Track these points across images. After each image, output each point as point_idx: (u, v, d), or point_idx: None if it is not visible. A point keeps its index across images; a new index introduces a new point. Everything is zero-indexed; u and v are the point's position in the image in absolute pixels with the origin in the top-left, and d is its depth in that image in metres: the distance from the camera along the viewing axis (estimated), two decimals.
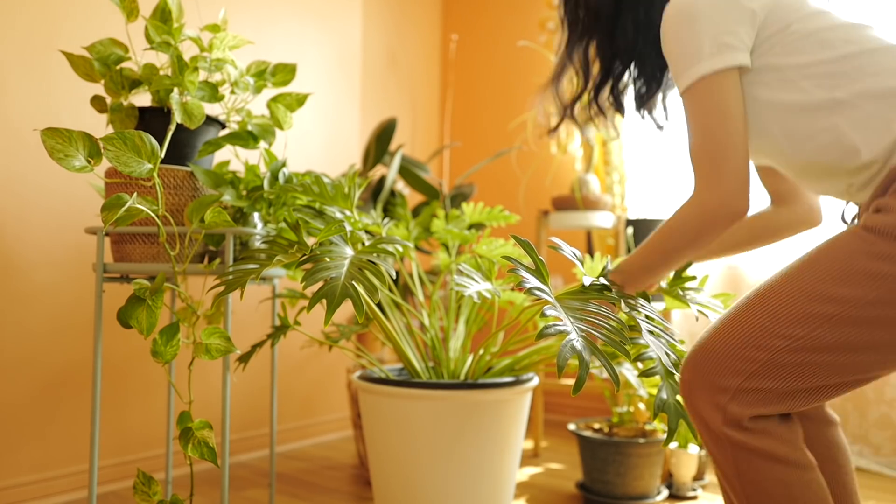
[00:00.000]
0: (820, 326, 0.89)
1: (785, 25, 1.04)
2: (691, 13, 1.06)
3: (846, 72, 1.00)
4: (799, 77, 1.02)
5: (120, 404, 2.10)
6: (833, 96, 0.99)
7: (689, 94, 1.06)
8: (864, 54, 1.00)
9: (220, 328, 1.29)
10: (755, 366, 0.91)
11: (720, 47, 1.03)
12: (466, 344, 1.80)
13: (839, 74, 1.00)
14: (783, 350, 0.90)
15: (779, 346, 0.91)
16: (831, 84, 1.00)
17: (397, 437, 1.59)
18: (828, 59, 1.01)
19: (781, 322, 0.91)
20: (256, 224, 1.56)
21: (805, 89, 1.02)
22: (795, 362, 0.90)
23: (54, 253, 1.96)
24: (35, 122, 1.92)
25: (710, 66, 1.04)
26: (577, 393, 0.89)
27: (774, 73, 1.04)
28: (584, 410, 3.04)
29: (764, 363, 0.91)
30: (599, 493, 1.96)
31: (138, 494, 1.28)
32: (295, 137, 2.61)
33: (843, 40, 1.01)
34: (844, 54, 1.00)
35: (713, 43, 1.04)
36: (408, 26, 3.45)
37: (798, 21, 1.04)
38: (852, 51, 1.00)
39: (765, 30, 1.05)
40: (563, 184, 3.11)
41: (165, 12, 1.43)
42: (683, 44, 1.06)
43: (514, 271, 1.07)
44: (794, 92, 1.03)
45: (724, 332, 0.95)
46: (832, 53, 1.01)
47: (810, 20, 1.04)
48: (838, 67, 1.00)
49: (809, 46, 1.02)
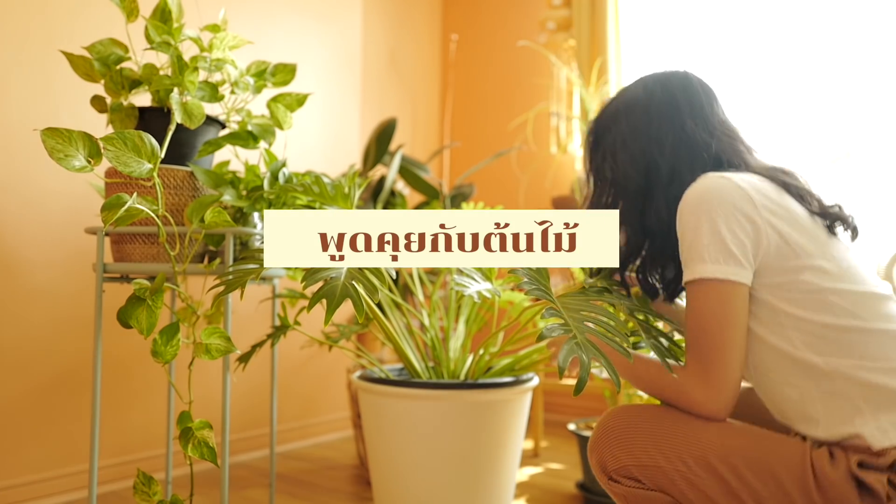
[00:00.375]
0: (720, 485, 0.98)
1: (797, 268, 0.99)
2: (707, 209, 1.00)
3: (839, 343, 0.96)
4: (792, 327, 0.98)
5: (120, 404, 2.10)
6: (815, 361, 0.96)
7: (692, 288, 1.02)
8: (865, 333, 0.96)
9: (220, 328, 1.29)
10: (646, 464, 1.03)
11: (727, 256, 0.99)
12: (466, 344, 1.79)
13: (831, 342, 0.96)
14: (679, 473, 1.00)
15: (678, 469, 1.00)
16: (819, 348, 0.97)
17: (397, 436, 1.58)
18: (825, 324, 0.97)
19: (693, 455, 0.99)
20: (256, 224, 1.56)
21: (792, 341, 0.98)
22: (679, 486, 1.00)
23: (54, 253, 1.96)
24: (35, 122, 1.92)
25: (715, 271, 0.99)
26: (578, 394, 0.90)
27: (769, 312, 1.00)
28: (584, 410, 3.04)
29: (653, 468, 1.02)
30: (599, 493, 1.96)
31: (138, 494, 1.28)
32: (295, 137, 2.61)
33: (849, 312, 0.97)
34: (844, 326, 0.96)
35: (722, 249, 0.99)
36: (408, 26, 3.45)
37: (812, 271, 0.98)
38: (853, 325, 0.96)
39: (774, 261, 1.00)
40: (563, 184, 3.11)
41: (165, 12, 1.43)
42: (694, 235, 1.01)
43: (514, 271, 1.07)
44: (781, 338, 0.99)
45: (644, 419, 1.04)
46: (832, 320, 0.96)
47: (824, 276, 0.98)
48: (832, 335, 0.96)
49: (812, 304, 0.97)
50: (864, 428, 0.92)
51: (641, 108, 1.16)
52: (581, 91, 2.65)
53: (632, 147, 1.15)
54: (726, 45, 2.68)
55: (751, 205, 1.00)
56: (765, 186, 1.04)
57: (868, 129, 2.38)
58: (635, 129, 1.15)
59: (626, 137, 1.16)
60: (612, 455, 1.04)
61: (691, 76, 1.19)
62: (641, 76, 1.22)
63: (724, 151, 1.11)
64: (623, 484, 1.04)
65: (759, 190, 1.02)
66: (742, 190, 1.01)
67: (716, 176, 1.04)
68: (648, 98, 1.16)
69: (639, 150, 1.14)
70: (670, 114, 1.14)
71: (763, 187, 1.03)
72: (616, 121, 1.19)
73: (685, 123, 1.13)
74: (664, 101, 1.15)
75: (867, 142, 2.37)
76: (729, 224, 0.99)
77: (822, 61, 2.47)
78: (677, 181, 1.11)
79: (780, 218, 1.00)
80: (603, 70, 2.87)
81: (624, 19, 2.93)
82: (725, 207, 0.99)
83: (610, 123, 1.20)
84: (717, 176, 1.04)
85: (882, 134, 2.35)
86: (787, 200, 1.03)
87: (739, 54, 2.65)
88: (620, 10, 2.93)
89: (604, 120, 1.22)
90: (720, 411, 0.99)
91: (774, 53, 2.57)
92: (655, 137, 1.14)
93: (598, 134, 1.22)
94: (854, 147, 2.39)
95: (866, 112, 2.39)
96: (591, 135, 1.25)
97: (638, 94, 1.18)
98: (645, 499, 1.03)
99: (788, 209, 1.02)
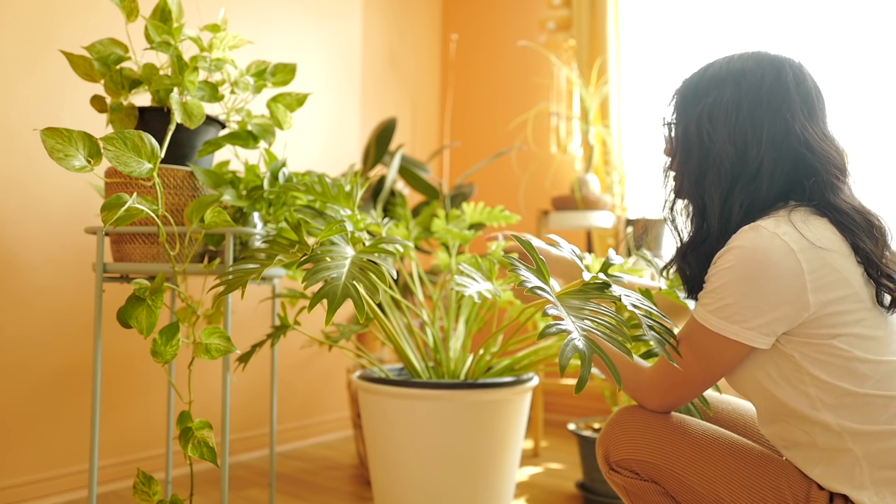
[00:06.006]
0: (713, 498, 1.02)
1: (829, 335, 0.94)
2: (749, 274, 0.94)
3: (858, 409, 0.93)
4: (812, 386, 0.95)
5: (120, 404, 2.10)
6: (829, 422, 0.94)
7: (694, 322, 1.01)
8: (892, 402, 0.93)
9: (219, 328, 1.29)
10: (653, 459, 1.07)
11: (745, 321, 0.95)
12: (466, 344, 1.79)
13: (850, 407, 0.93)
14: (673, 476, 1.04)
15: (675, 474, 1.04)
16: (838, 411, 0.94)
17: (397, 436, 1.58)
18: (847, 391, 0.93)
19: (696, 469, 1.03)
20: (256, 224, 1.56)
21: (811, 399, 0.95)
22: (671, 485, 1.05)
23: (54, 253, 1.96)
24: (35, 121, 1.92)
25: (721, 327, 0.97)
26: (579, 392, 0.89)
27: (792, 368, 0.97)
28: (584, 410, 3.04)
29: (651, 466, 1.06)
30: (599, 493, 1.96)
31: (138, 494, 1.28)
32: (295, 137, 2.61)
33: (876, 381, 0.93)
34: (868, 394, 0.93)
35: (742, 312, 0.95)
36: (408, 26, 3.45)
37: (844, 339, 0.93)
38: (879, 394, 0.93)
39: (809, 326, 0.95)
40: (563, 184, 3.11)
41: (165, 12, 1.43)
42: (720, 285, 0.97)
43: (514, 271, 1.07)
44: (799, 394, 0.96)
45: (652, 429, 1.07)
46: (856, 388, 0.93)
47: (856, 343, 0.93)
48: (852, 401, 0.93)
49: (837, 370, 0.94)
50: (863, 493, 0.93)
51: (753, 84, 1.03)
52: (581, 91, 2.65)
53: (734, 119, 1.02)
54: (726, 45, 2.68)
55: (801, 284, 0.93)
56: (830, 244, 0.95)
57: (868, 130, 2.38)
58: (739, 104, 1.03)
59: (729, 108, 1.03)
60: (616, 448, 1.09)
61: (807, 71, 1.06)
62: (750, 51, 1.08)
63: (815, 173, 1.00)
64: (622, 475, 1.09)
65: (819, 257, 0.94)
66: (798, 266, 0.93)
67: (772, 239, 0.94)
68: (760, 77, 1.03)
69: (739, 127, 1.02)
70: (777, 104, 1.02)
71: (826, 247, 0.95)
72: (721, 86, 1.05)
73: (790, 123, 1.01)
74: (775, 88, 1.02)
75: (867, 142, 2.37)
76: (763, 291, 0.93)
77: (823, 61, 2.47)
78: (751, 190, 1.01)
79: (832, 290, 0.94)
80: (603, 70, 2.87)
81: (624, 19, 2.93)
82: (771, 288, 0.93)
83: (715, 86, 1.05)
84: (773, 239, 0.94)
85: (882, 134, 2.35)
86: (849, 264, 0.95)
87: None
88: (620, 10, 2.93)
89: (707, 80, 1.07)
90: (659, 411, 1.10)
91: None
92: (759, 121, 1.02)
93: (701, 92, 1.07)
94: (854, 147, 2.39)
95: (866, 112, 2.39)
96: (689, 89, 1.09)
97: (749, 66, 1.04)
98: (641, 489, 1.07)
99: (844, 277, 0.94)
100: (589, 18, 2.94)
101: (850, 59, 2.43)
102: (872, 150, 2.36)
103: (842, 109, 2.41)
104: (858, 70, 2.41)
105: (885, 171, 2.33)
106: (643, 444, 1.06)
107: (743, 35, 2.65)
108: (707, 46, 2.72)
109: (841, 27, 2.45)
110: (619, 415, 1.12)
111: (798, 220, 0.96)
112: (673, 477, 1.04)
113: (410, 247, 1.53)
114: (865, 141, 2.37)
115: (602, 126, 2.75)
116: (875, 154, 2.35)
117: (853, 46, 2.42)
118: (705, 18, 2.76)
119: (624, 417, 1.11)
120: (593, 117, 2.64)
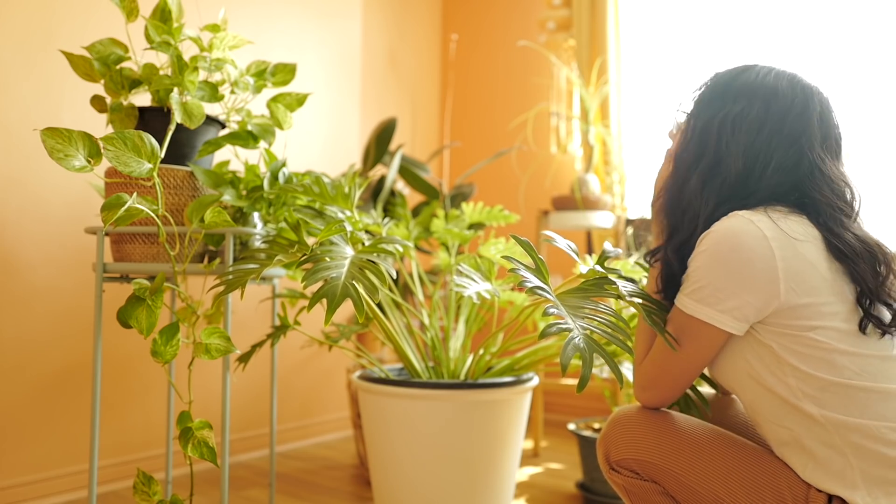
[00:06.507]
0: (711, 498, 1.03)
1: (806, 327, 0.95)
2: (722, 256, 0.97)
3: (839, 398, 0.94)
4: (793, 377, 0.96)
5: (120, 404, 2.10)
6: (812, 412, 0.95)
7: (674, 307, 1.04)
8: (873, 394, 0.93)
9: (219, 328, 1.29)
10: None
11: (717, 303, 0.97)
12: (466, 344, 1.79)
13: (831, 396, 0.94)
14: (672, 476, 1.05)
15: (674, 473, 1.05)
16: (820, 400, 0.95)
17: (397, 436, 1.58)
18: (828, 382, 0.94)
19: (694, 470, 1.04)
20: (256, 224, 1.56)
21: (792, 389, 0.96)
22: (671, 485, 1.06)
23: (54, 253, 1.96)
24: (35, 121, 1.92)
25: (695, 310, 0.99)
26: (581, 391, 0.90)
27: (773, 359, 0.98)
28: (584, 410, 3.04)
29: (650, 465, 1.07)
30: (599, 493, 1.96)
31: (138, 494, 1.28)
32: (295, 137, 2.61)
33: (856, 371, 0.94)
34: (849, 384, 0.94)
35: (715, 294, 0.97)
36: (408, 26, 3.45)
37: (822, 332, 0.95)
38: (860, 384, 0.94)
39: (783, 316, 0.96)
40: (563, 184, 3.11)
41: (165, 12, 1.43)
42: (698, 268, 1.00)
43: (514, 271, 1.07)
44: (780, 385, 0.97)
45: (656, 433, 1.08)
46: (836, 378, 0.94)
47: (834, 336, 0.95)
48: (833, 391, 0.94)
49: (816, 362, 0.95)
50: (856, 493, 0.93)
51: (781, 109, 1.04)
52: (581, 91, 2.65)
53: (753, 139, 1.03)
54: (726, 45, 2.68)
55: (772, 269, 0.95)
56: (804, 236, 0.98)
57: (867, 129, 2.38)
58: (762, 125, 1.03)
59: (752, 125, 1.04)
60: (616, 447, 1.10)
61: (833, 108, 1.08)
62: (789, 71, 1.08)
63: (817, 198, 1.02)
64: (622, 474, 1.10)
65: (791, 246, 0.96)
66: (770, 251, 0.95)
67: (746, 224, 0.97)
68: (790, 103, 1.04)
69: (755, 148, 1.03)
70: (797, 134, 1.03)
71: (799, 238, 0.97)
72: (752, 99, 1.05)
73: (805, 151, 1.03)
74: (800, 118, 1.04)
75: (866, 141, 2.37)
76: (738, 273, 0.96)
77: (822, 62, 2.47)
78: (743, 202, 1.03)
79: (804, 280, 0.95)
80: (603, 70, 2.87)
81: (624, 19, 2.93)
82: (743, 271, 0.95)
83: (745, 97, 1.06)
84: (747, 224, 0.97)
85: (882, 134, 2.35)
86: (822, 256, 0.97)
87: (739, 54, 2.65)
88: (620, 10, 2.93)
89: (739, 86, 1.07)
90: (650, 406, 1.11)
91: (774, 53, 2.56)
92: (774, 148, 1.03)
93: (730, 96, 1.07)
94: (853, 147, 2.39)
95: (865, 112, 2.39)
96: (720, 86, 1.09)
97: (783, 88, 1.05)
98: (641, 489, 1.08)
99: (816, 268, 0.96)
100: (589, 18, 2.94)
101: (849, 59, 2.43)
102: (872, 150, 2.36)
103: (841, 109, 2.41)
104: (858, 70, 2.41)
105: (885, 171, 2.33)
106: (643, 444, 1.07)
107: (743, 35, 2.65)
108: (707, 47, 2.72)
109: (841, 27, 2.45)
110: (619, 415, 1.13)
111: (774, 214, 1.00)
112: (673, 477, 1.05)
113: (410, 247, 1.53)
114: (865, 141, 2.37)
115: (602, 126, 2.75)
116: (875, 154, 2.35)
117: (853, 46, 2.43)
118: (705, 18, 2.76)
119: (624, 417, 1.12)
120: (593, 117, 2.64)
